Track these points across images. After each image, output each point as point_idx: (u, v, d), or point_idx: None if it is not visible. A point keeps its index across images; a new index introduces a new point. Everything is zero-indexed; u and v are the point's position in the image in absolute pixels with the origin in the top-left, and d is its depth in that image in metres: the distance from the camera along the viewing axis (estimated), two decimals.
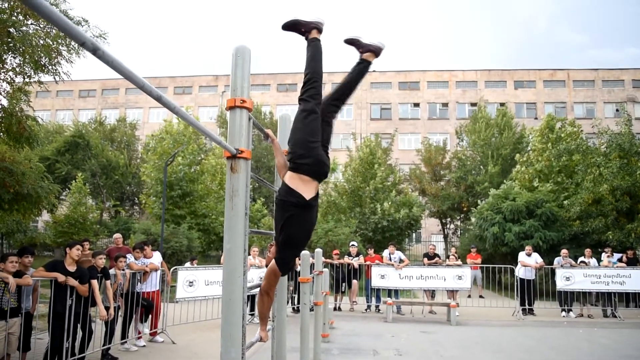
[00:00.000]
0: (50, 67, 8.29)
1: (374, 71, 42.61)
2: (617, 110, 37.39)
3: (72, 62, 8.38)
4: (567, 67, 41.25)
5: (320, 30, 3.08)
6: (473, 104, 35.75)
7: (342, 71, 42.83)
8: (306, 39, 3.07)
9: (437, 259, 12.47)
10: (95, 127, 32.10)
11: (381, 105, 41.83)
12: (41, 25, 7.83)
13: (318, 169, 2.86)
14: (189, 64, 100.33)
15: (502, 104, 34.52)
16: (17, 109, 8.22)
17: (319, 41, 3.08)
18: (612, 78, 40.32)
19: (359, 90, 41.56)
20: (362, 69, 3.15)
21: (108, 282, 6.69)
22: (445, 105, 41.37)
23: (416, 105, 41.62)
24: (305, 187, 2.78)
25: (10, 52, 7.74)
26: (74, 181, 23.00)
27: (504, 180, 19.23)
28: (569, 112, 38.06)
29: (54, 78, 8.53)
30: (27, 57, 7.62)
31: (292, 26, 3.06)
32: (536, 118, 36.32)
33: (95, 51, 1.23)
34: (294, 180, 2.79)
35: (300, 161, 2.80)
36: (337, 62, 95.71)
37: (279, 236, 2.80)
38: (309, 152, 2.81)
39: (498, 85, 41.16)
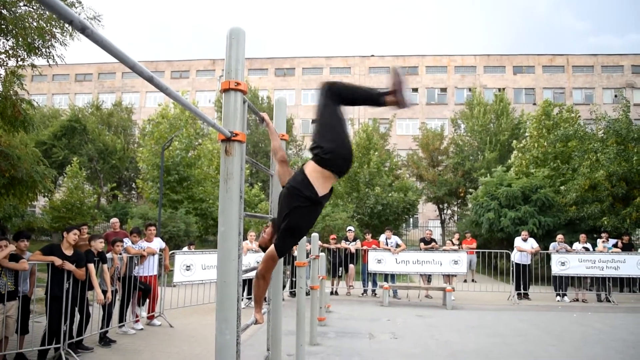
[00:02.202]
0: (44, 49, 8.19)
1: (372, 56, 42.34)
2: (615, 96, 37.32)
3: (66, 44, 8.28)
4: (566, 53, 41.05)
5: (394, 102, 2.98)
6: (472, 90, 35.60)
7: (341, 55, 42.61)
8: (381, 95, 2.98)
9: (433, 243, 12.54)
10: (92, 112, 31.91)
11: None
12: (34, 7, 7.72)
13: (345, 166, 2.81)
14: (186, 48, 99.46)
15: (500, 90, 34.39)
16: (11, 92, 8.14)
17: (384, 104, 3.00)
18: (611, 64, 40.16)
19: (357, 75, 41.45)
20: (378, 104, 3.03)
21: (105, 266, 6.71)
22: (443, 90, 41.21)
23: (414, 90, 41.44)
24: (323, 184, 2.71)
25: (2, 35, 7.64)
26: (69, 165, 22.92)
27: (496, 167, 19.26)
28: (568, 98, 37.98)
29: (48, 61, 8.42)
30: (20, 39, 7.52)
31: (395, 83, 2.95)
32: (534, 104, 36.21)
33: (84, 30, 1.21)
34: (314, 174, 2.70)
35: (328, 156, 2.68)
36: (336, 46, 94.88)
37: (281, 222, 2.76)
38: (343, 148, 2.74)
39: (497, 71, 40.97)
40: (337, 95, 2.89)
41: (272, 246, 2.78)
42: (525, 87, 40.43)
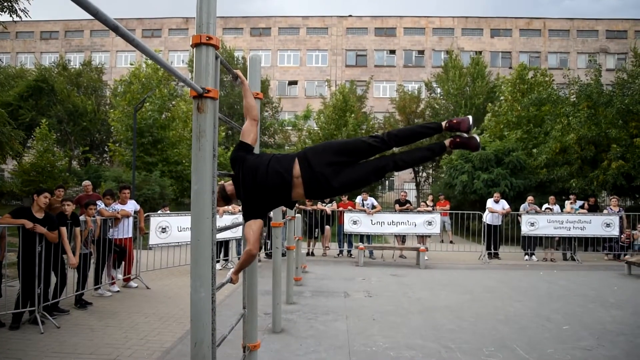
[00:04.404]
0: (5, 3, 7.76)
1: (350, 16, 41.58)
2: (589, 61, 37.80)
3: None
4: (543, 16, 41.11)
5: (452, 143, 3.00)
6: (449, 52, 35.50)
7: (318, 15, 41.68)
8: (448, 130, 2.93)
9: (408, 205, 12.75)
10: (59, 71, 30.64)
11: (357, 52, 41.13)
12: None
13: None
14: (157, 5, 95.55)
15: (477, 53, 34.37)
16: None
17: (444, 150, 3.02)
18: (586, 28, 40.41)
19: (335, 36, 40.74)
20: (437, 152, 3.05)
21: (78, 229, 6.61)
22: (421, 52, 40.96)
23: (392, 52, 41.07)
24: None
25: None
26: (38, 128, 22.18)
27: (472, 130, 19.42)
28: (543, 62, 38.27)
29: (11, 15, 8.00)
30: None
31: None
32: (510, 67, 36.38)
33: None
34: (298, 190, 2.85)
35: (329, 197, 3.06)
36: (312, 5, 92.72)
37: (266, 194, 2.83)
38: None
39: (474, 33, 40.81)
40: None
41: (257, 220, 2.80)
42: (502, 51, 40.51)
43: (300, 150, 2.88)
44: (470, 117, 2.92)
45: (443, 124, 2.93)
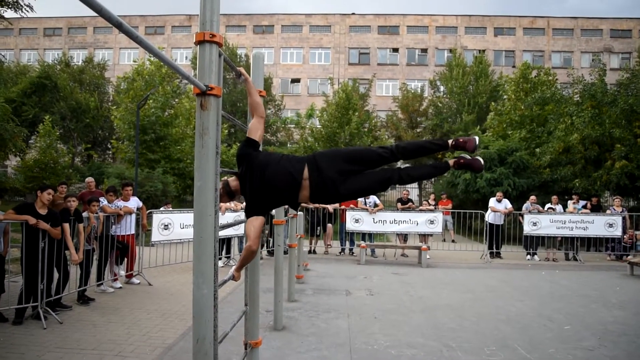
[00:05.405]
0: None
1: (352, 14, 41.52)
2: (592, 60, 37.66)
3: None
4: (547, 15, 40.94)
5: (456, 164, 3.07)
6: (452, 51, 35.44)
7: (321, 13, 41.62)
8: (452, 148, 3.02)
9: (410, 204, 12.74)
10: (61, 68, 30.64)
11: (360, 50, 41.06)
12: None
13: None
14: (160, 2, 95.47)
15: (480, 51, 34.32)
16: None
17: (447, 169, 3.10)
18: (590, 27, 40.23)
19: (338, 34, 40.70)
20: (441, 170, 3.14)
21: (81, 225, 6.63)
22: (424, 51, 40.86)
23: (395, 50, 40.99)
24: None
25: None
26: (41, 124, 22.21)
27: (473, 129, 19.42)
28: (547, 61, 38.13)
29: (16, 11, 8.02)
30: None
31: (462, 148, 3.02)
32: (514, 66, 36.27)
33: None
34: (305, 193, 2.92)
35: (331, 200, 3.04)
36: (316, 3, 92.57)
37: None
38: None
39: (478, 32, 40.68)
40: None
41: (259, 217, 2.82)
42: (506, 50, 40.39)
43: (310, 154, 2.94)
44: (476, 138, 3.00)
45: (450, 142, 3.02)
